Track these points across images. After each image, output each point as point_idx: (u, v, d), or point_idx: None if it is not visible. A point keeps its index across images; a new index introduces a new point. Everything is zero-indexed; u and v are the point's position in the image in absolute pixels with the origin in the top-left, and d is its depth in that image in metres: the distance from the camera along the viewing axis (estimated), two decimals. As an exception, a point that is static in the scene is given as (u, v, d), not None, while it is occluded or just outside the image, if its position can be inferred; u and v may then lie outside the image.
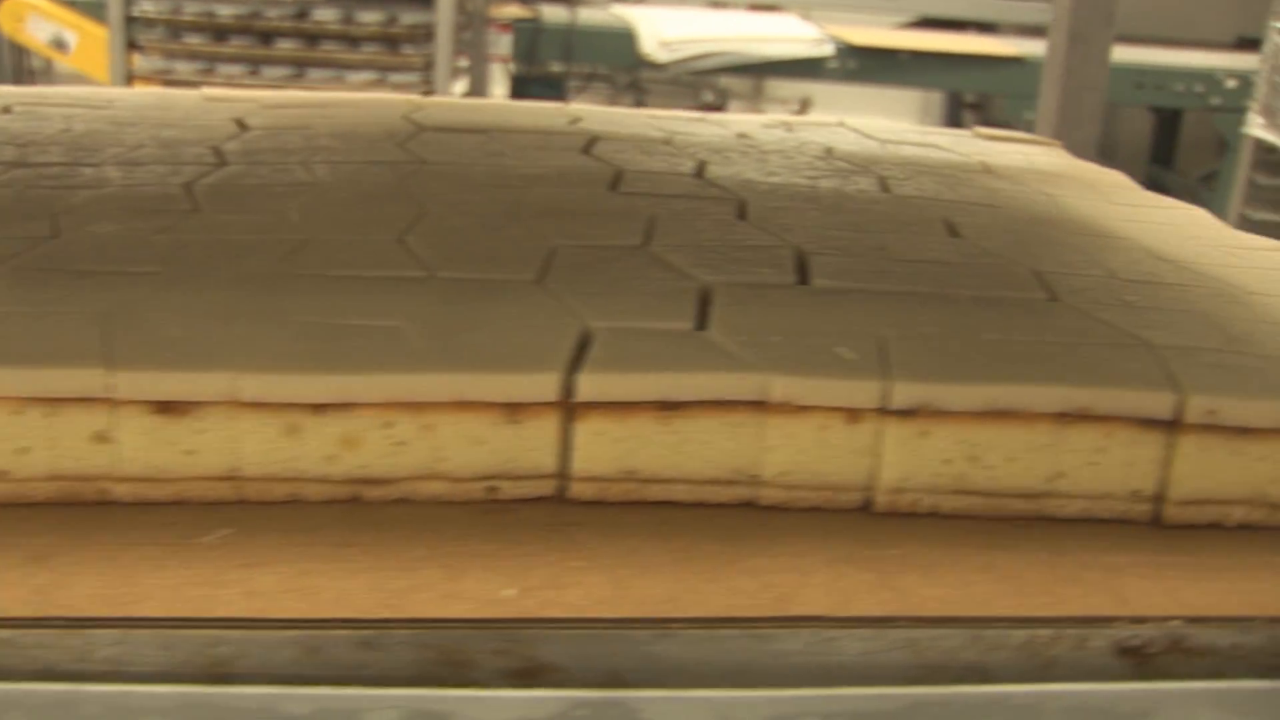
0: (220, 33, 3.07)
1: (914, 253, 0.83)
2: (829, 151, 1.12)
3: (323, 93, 1.26)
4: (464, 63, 3.37)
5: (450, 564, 0.58)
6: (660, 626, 0.55)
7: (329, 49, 3.12)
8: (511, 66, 3.70)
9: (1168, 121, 3.75)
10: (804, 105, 4.66)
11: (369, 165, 0.96)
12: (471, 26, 3.41)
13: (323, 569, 0.58)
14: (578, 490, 0.64)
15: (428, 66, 3.15)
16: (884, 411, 0.63)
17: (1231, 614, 0.60)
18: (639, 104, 4.49)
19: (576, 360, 0.64)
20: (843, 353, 0.65)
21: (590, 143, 1.06)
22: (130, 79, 3.08)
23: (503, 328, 0.67)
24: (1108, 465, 0.65)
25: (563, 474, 0.64)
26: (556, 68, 3.70)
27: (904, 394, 0.63)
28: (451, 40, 3.14)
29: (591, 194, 0.91)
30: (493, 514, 0.63)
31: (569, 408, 0.63)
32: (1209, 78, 3.28)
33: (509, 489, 0.64)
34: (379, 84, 3.13)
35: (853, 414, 0.63)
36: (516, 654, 0.56)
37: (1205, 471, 0.66)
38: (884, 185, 1.01)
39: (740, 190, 0.94)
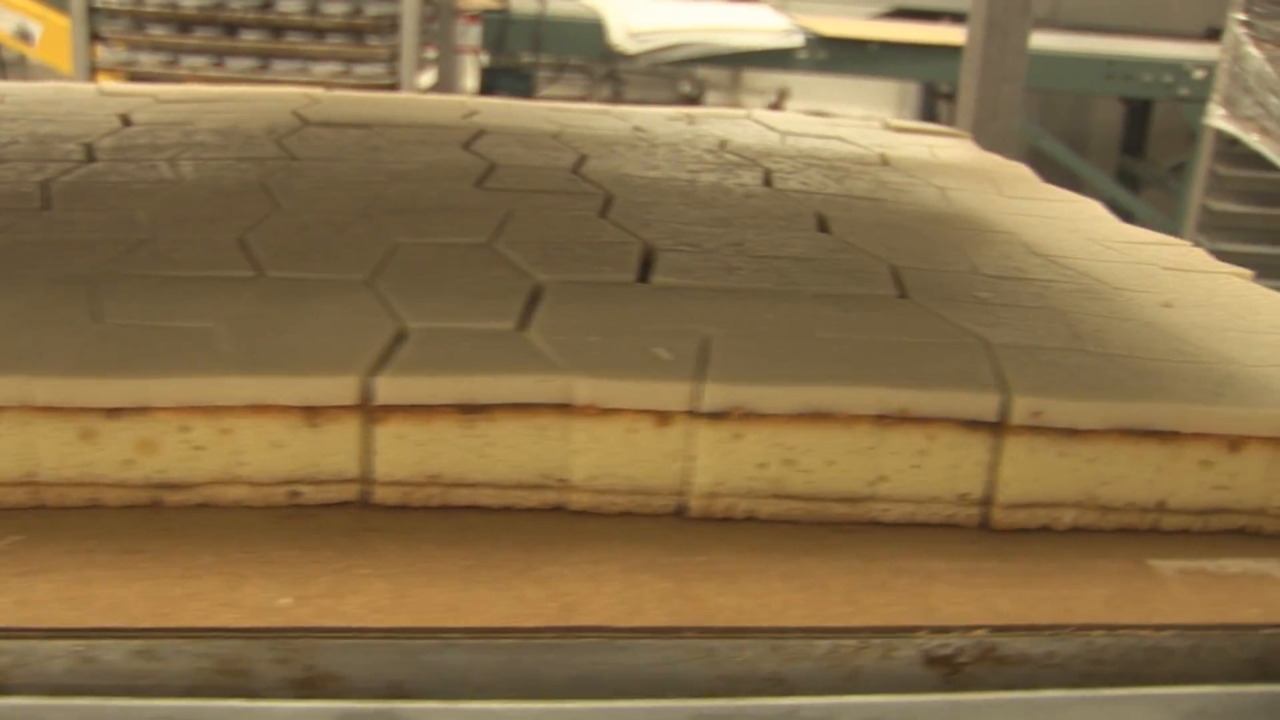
0: (184, 24, 3.05)
1: (771, 249, 0.80)
2: (723, 145, 1.10)
3: (228, 87, 1.24)
4: (432, 54, 3.35)
5: (233, 571, 0.57)
6: (434, 636, 0.54)
7: (294, 41, 3.09)
8: (482, 58, 3.68)
9: (1138, 112, 3.72)
10: (781, 96, 4.63)
11: (237, 162, 0.94)
12: (439, 17, 3.39)
13: (102, 576, 0.56)
14: (382, 495, 0.62)
15: (393, 58, 3.13)
16: (694, 414, 0.61)
17: (1044, 621, 0.58)
18: (616, 95, 4.47)
19: (382, 362, 0.62)
20: (659, 353, 0.63)
21: (474, 137, 1.04)
22: (94, 71, 3.06)
23: (313, 329, 0.65)
24: (931, 468, 0.63)
25: (366, 478, 0.62)
26: (527, 59, 3.68)
27: (714, 396, 0.61)
28: (417, 32, 3.11)
29: (455, 190, 0.89)
30: (294, 519, 0.61)
31: (369, 411, 0.61)
32: (1177, 68, 3.25)
33: (312, 494, 0.62)
34: (344, 76, 3.11)
35: (662, 416, 0.61)
36: (297, 663, 0.54)
37: (1033, 474, 0.64)
38: (767, 179, 0.99)
39: (612, 185, 0.92)
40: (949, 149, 1.19)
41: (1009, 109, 1.29)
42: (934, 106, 4.19)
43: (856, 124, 1.26)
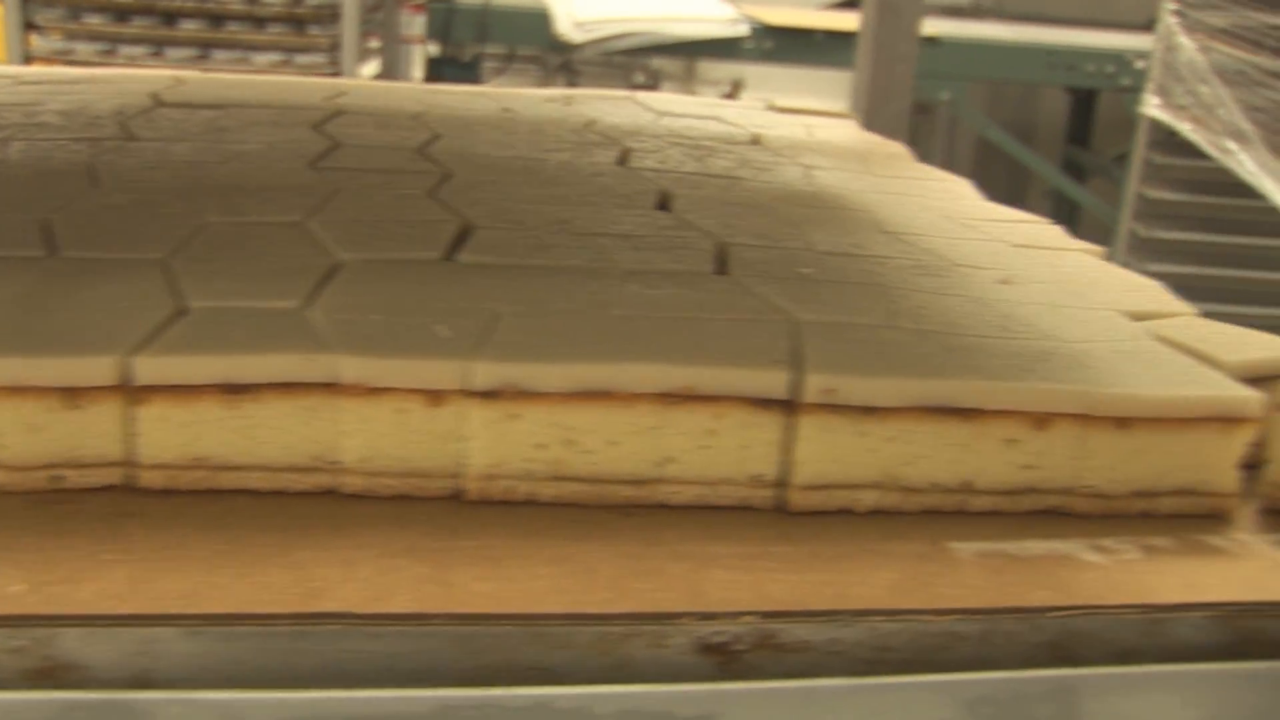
0: (122, 13, 3.01)
1: (598, 226, 0.78)
2: (589, 125, 1.07)
3: (97, 69, 1.21)
4: (375, 44, 3.31)
5: (-29, 559, 0.54)
6: (168, 623, 0.51)
7: (234, 30, 3.05)
8: (430, 48, 3.64)
9: (1083, 102, 3.71)
10: (735, 87, 4.60)
11: (71, 143, 0.91)
12: (383, 7, 3.35)
13: None
14: (148, 479, 0.59)
15: (334, 48, 3.09)
16: (468, 393, 0.59)
17: (820, 607, 0.55)
18: (570, 86, 4.43)
19: (147, 342, 0.59)
20: (439, 330, 0.61)
21: (330, 118, 1.02)
22: (29, 60, 3.01)
23: (84, 308, 0.62)
24: (721, 449, 0.61)
25: (130, 462, 0.59)
26: (474, 49, 3.64)
27: (487, 374, 0.58)
28: (358, 21, 3.07)
29: (287, 170, 0.86)
30: (51, 505, 0.58)
31: (130, 392, 0.58)
32: (1119, 58, 3.23)
33: (75, 478, 0.59)
34: (285, 65, 3.07)
35: (434, 396, 0.59)
36: (34, 653, 0.52)
37: (830, 454, 0.61)
38: (623, 158, 0.96)
39: (455, 164, 0.89)
40: (829, 129, 1.17)
41: (902, 90, 1.26)
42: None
43: (740, 105, 1.24)
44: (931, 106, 4.13)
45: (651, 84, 4.50)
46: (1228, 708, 0.58)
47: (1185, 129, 2.69)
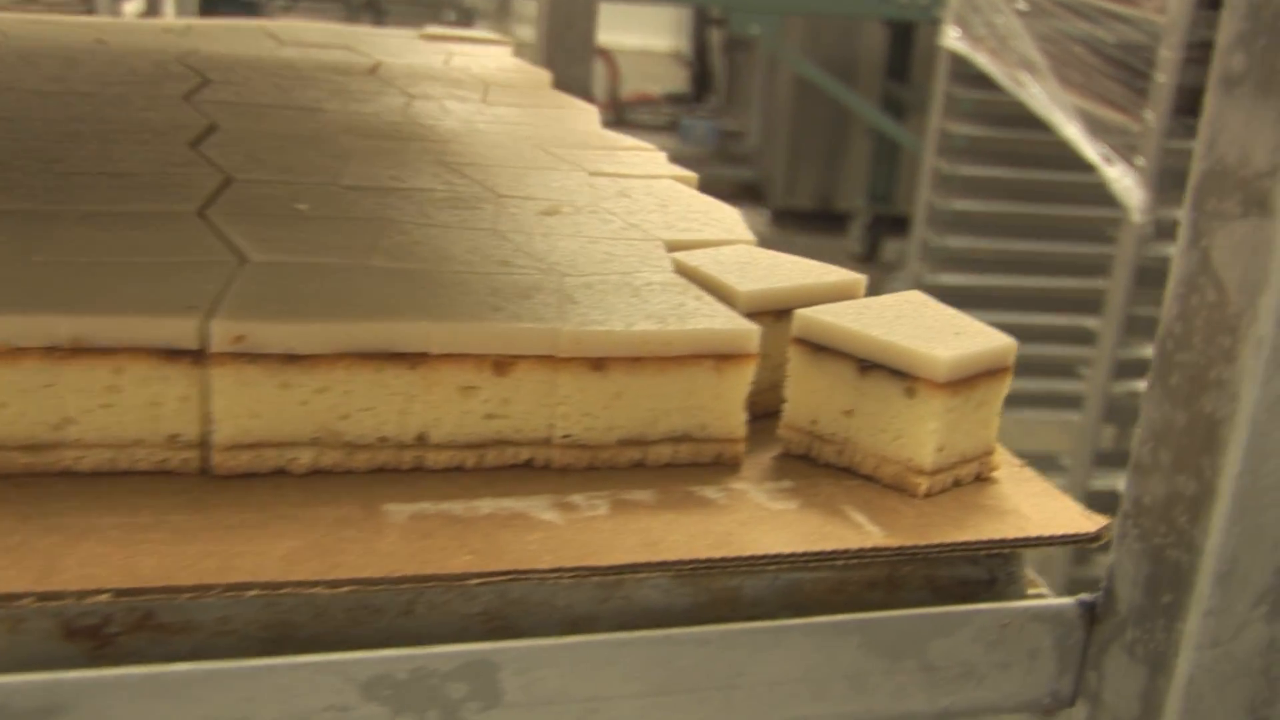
0: None
1: (93, 166, 0.72)
2: (186, 55, 1.01)
3: None
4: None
5: None
6: None
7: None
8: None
9: (901, 36, 3.70)
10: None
11: None
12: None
13: None
14: None
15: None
16: None
17: (194, 582, 0.51)
18: (377, 24, 4.33)
19: None
20: None
21: None
22: None
23: None
24: (127, 407, 0.56)
25: None
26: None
27: None
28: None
29: None
30: None
31: None
32: (931, -12, 3.23)
33: None
34: (31, 4, 2.93)
35: None
36: None
37: (251, 409, 0.56)
38: (194, 92, 0.90)
39: None
40: (472, 56, 1.12)
41: (584, 16, 1.22)
42: (705, 31, 4.13)
43: (385, 33, 1.18)
44: (749, 43, 4.10)
45: (465, 18, 4.41)
46: (682, 676, 0.55)
47: (982, 61, 2.69)
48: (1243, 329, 0.50)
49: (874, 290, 0.68)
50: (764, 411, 0.67)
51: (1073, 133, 2.47)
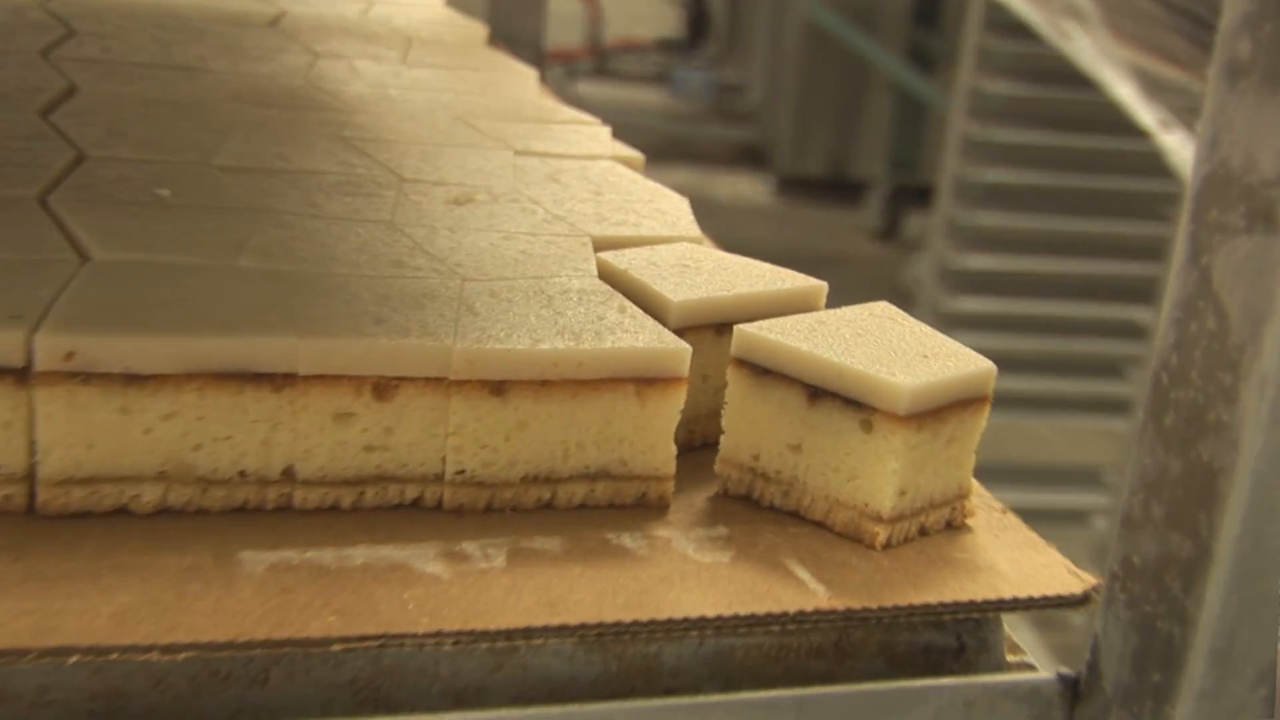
0: None
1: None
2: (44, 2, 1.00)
3: None
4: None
5: None
6: None
7: None
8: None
9: (930, -25, 3.70)
10: None
11: None
12: None
13: None
14: None
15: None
16: None
17: (9, 645, 0.50)
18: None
19: None
20: None
21: None
22: None
23: None
24: (-64, 436, 0.55)
25: None
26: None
27: None
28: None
29: None
30: None
31: None
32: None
33: None
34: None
35: None
36: None
37: (85, 438, 0.56)
38: (54, 46, 0.89)
39: None
40: (396, 4, 1.11)
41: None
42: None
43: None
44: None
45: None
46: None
47: (1021, 7, 2.69)
48: (1245, 364, 0.50)
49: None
50: (702, 442, 0.67)
51: (1125, 93, 2.46)
